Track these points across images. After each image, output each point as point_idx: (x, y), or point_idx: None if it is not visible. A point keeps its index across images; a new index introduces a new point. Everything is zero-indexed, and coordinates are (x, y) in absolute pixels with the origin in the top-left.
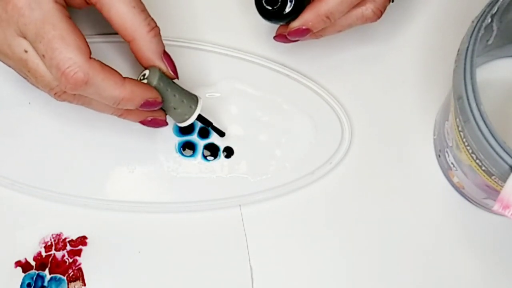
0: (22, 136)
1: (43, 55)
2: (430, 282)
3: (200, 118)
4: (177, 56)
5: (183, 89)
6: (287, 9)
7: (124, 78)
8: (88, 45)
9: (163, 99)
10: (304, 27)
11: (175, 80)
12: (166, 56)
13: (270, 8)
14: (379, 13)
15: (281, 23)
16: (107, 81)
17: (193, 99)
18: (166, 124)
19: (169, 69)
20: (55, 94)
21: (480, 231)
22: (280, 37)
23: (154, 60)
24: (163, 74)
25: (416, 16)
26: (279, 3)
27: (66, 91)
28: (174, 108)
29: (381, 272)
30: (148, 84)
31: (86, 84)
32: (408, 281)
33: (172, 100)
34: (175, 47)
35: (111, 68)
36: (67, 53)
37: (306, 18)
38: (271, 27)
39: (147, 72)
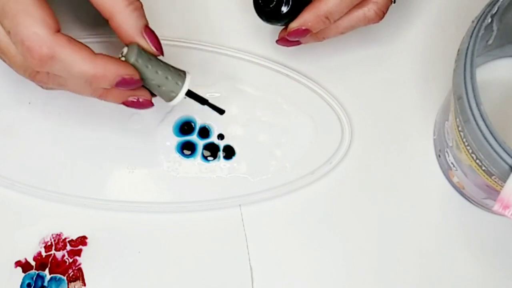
0: (22, 136)
1: (9, 32)
2: (430, 282)
3: (192, 94)
4: (178, 56)
5: (167, 65)
6: (284, 9)
7: (97, 54)
8: (56, 20)
9: (145, 77)
10: (303, 28)
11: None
12: (148, 31)
13: (265, 7)
14: (382, 14)
15: (280, 24)
16: (75, 56)
17: (180, 75)
18: (152, 105)
19: (151, 45)
20: (29, 75)
21: (480, 231)
22: (282, 40)
23: (134, 35)
24: (142, 50)
25: (416, 17)
26: (274, 2)
27: (35, 69)
28: (158, 86)
29: (381, 272)
30: (126, 61)
31: (52, 59)
32: (408, 281)
33: (154, 78)
34: (175, 47)
35: (81, 43)
36: (31, 27)
37: (305, 19)
38: (271, 27)
39: (125, 49)
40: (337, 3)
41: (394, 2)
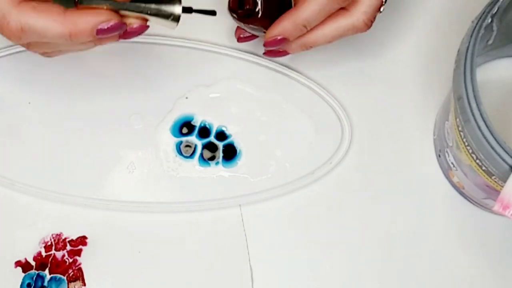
0: (22, 136)
1: None
2: (429, 281)
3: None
4: (177, 56)
5: None
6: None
7: (66, 10)
8: None
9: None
10: (280, 37)
11: None
12: None
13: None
14: (370, 24)
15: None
16: (44, 21)
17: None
18: (147, 27)
19: None
20: (23, 46)
21: (480, 231)
22: (268, 52)
23: None
24: None
25: (417, 17)
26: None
27: (16, 43)
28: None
29: (381, 272)
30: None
31: (23, 31)
32: (407, 280)
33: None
34: (176, 47)
35: (49, 5)
36: None
37: (283, 27)
38: None
39: None
40: (315, 12)
41: (381, 12)
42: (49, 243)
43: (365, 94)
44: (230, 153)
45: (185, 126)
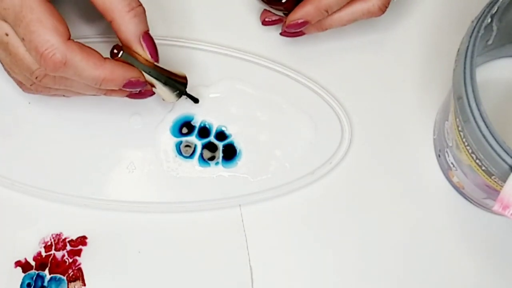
0: (22, 136)
1: (23, 38)
2: (429, 281)
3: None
4: (177, 56)
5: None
6: None
7: (105, 58)
8: (67, 28)
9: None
10: (302, 20)
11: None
12: (147, 38)
13: None
14: (384, 9)
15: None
16: (86, 62)
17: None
18: (152, 93)
19: (147, 52)
20: (36, 78)
21: (480, 231)
22: (286, 33)
23: (131, 41)
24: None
25: (416, 16)
26: None
27: (47, 74)
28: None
29: (381, 272)
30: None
31: (65, 65)
32: (407, 280)
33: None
34: (176, 47)
35: (91, 49)
36: (44, 35)
37: (306, 11)
38: (272, 27)
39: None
40: None
41: None
42: (49, 243)
43: (365, 94)
44: (230, 153)
45: (185, 126)
